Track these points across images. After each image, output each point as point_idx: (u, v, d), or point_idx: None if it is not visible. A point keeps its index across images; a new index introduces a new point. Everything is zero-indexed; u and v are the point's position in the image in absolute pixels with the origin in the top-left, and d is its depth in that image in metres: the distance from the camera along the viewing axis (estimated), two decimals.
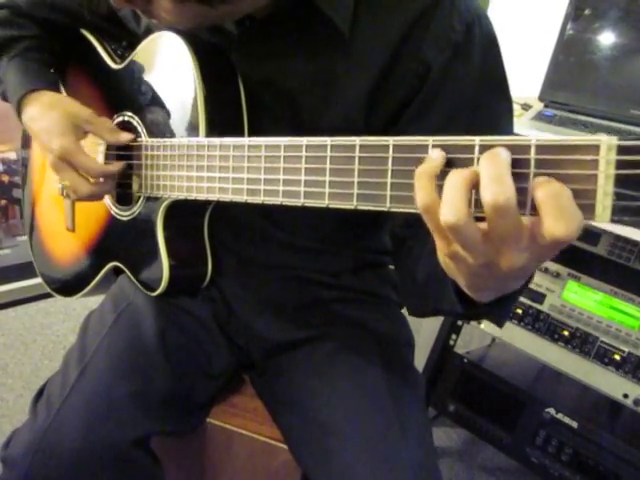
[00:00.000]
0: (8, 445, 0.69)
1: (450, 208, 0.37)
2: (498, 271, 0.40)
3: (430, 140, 0.41)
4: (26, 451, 0.66)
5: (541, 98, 1.35)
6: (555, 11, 1.38)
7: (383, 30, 0.61)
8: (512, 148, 0.38)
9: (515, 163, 0.37)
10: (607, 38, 1.28)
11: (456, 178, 0.38)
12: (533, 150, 0.37)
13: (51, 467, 0.65)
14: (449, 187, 0.38)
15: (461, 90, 0.61)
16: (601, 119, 1.24)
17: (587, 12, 1.30)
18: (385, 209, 0.45)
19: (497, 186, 0.36)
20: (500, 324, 0.56)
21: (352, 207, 0.48)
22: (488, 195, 0.36)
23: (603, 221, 0.35)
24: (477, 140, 0.39)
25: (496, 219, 0.36)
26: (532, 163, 0.37)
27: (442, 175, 0.40)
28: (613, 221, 0.35)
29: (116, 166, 0.75)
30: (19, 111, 0.78)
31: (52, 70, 0.86)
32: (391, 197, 0.45)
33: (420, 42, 0.60)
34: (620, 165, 0.34)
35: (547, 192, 0.35)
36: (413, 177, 0.42)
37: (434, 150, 0.41)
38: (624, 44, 1.26)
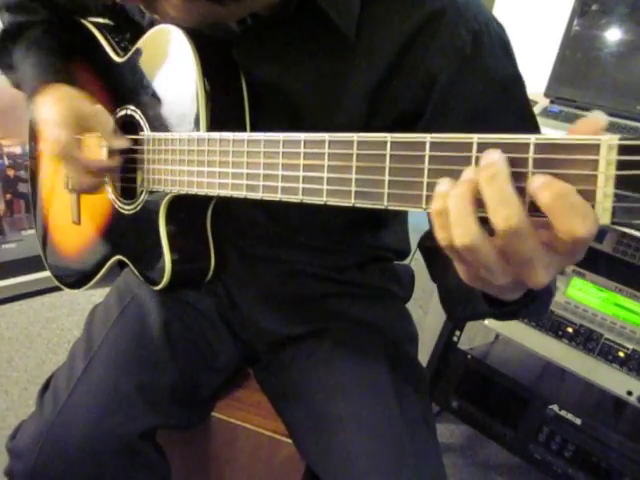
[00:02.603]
0: (15, 437, 0.70)
1: (462, 229, 0.36)
2: (526, 286, 0.39)
3: (428, 137, 0.40)
4: (33, 443, 0.66)
5: (547, 94, 1.35)
6: (561, 7, 1.37)
7: (387, 36, 0.60)
8: (511, 146, 0.36)
9: (513, 162, 0.36)
10: (614, 34, 1.27)
11: (458, 200, 0.37)
12: (532, 149, 0.35)
13: (57, 459, 0.66)
14: (454, 210, 0.37)
15: (475, 101, 0.59)
16: (607, 115, 1.23)
17: (594, 8, 1.29)
18: (383, 207, 0.44)
19: (506, 209, 0.35)
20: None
21: (350, 205, 0.47)
22: (500, 221, 0.35)
23: (603, 223, 0.33)
24: (475, 138, 0.38)
25: (512, 242, 0.35)
26: (530, 162, 0.35)
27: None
28: (613, 223, 0.33)
29: (113, 160, 0.76)
30: (31, 101, 0.79)
31: (61, 58, 0.85)
32: (389, 195, 0.44)
33: (424, 51, 0.59)
34: (621, 165, 0.32)
35: (553, 193, 0.34)
36: (411, 175, 0.41)
37: (442, 182, 0.38)
38: (631, 40, 1.25)
